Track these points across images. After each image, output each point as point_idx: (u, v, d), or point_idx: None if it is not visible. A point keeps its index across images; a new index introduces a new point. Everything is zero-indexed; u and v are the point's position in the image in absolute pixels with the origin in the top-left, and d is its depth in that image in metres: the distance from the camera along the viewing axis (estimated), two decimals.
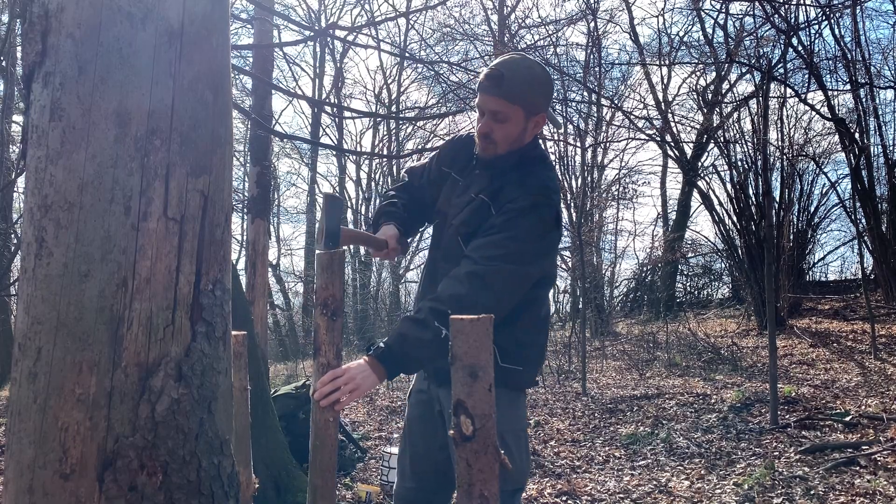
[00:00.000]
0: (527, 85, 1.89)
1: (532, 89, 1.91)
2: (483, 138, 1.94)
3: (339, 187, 19.37)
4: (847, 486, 4.20)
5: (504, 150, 1.95)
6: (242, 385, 1.96)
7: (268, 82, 6.54)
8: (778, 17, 10.52)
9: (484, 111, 1.92)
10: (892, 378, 7.34)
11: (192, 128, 1.12)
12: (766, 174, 8.54)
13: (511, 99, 1.88)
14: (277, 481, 4.00)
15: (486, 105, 1.91)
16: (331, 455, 1.71)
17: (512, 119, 1.90)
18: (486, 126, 1.92)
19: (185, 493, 1.07)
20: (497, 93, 1.88)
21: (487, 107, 1.91)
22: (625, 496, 4.37)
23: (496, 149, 1.95)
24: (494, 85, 1.88)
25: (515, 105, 1.89)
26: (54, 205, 1.06)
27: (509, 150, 1.95)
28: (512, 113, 1.90)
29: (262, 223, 6.44)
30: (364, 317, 15.15)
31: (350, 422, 6.45)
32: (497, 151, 1.95)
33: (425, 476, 2.12)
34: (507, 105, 1.88)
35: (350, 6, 18.93)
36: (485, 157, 1.98)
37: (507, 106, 1.88)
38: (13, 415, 1.08)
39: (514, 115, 1.90)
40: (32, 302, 1.06)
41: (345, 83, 19.41)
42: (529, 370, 2.03)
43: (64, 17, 1.08)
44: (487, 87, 1.89)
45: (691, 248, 17.25)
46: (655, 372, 9.07)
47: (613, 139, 16.33)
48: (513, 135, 1.93)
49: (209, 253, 1.14)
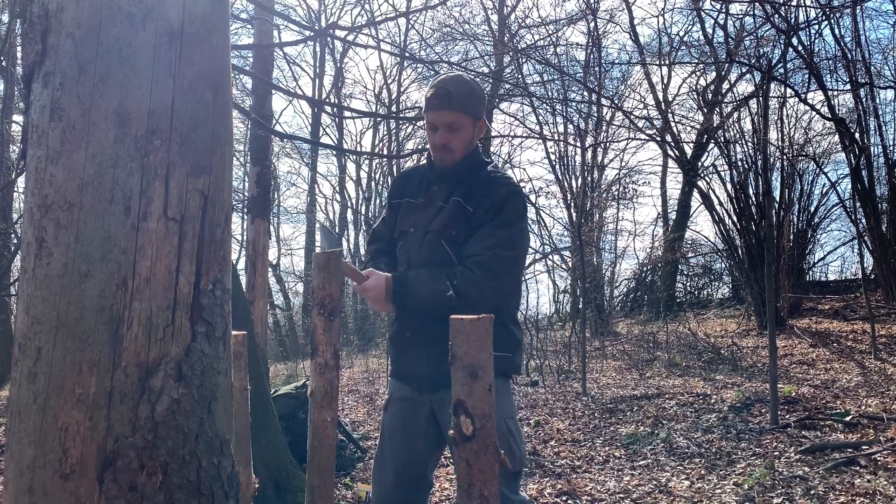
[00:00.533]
0: (469, 96, 2.18)
1: (474, 99, 2.19)
2: (441, 149, 2.19)
3: (339, 187, 19.38)
4: (847, 486, 4.20)
5: (460, 156, 2.20)
6: (242, 385, 1.96)
7: (268, 82, 6.54)
8: (778, 17, 10.52)
9: (437, 126, 2.18)
10: (892, 378, 7.34)
11: (192, 128, 1.12)
12: (766, 174, 8.54)
13: (460, 109, 2.16)
14: (277, 481, 4.00)
15: (439, 119, 2.17)
16: (329, 455, 1.71)
17: (464, 127, 2.18)
18: (442, 138, 2.17)
19: (185, 493, 1.07)
20: (448, 107, 2.15)
21: (441, 121, 2.16)
22: (625, 496, 4.37)
23: (453, 156, 2.20)
24: (444, 100, 2.15)
25: (464, 114, 2.17)
26: (54, 205, 1.06)
27: (463, 155, 2.21)
28: (463, 122, 2.17)
29: (262, 223, 6.44)
30: (364, 317, 15.15)
31: (350, 422, 6.45)
32: (454, 158, 2.20)
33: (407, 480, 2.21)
34: (458, 115, 2.16)
35: (350, 6, 18.94)
36: (442, 167, 2.22)
37: (458, 116, 2.16)
38: (13, 415, 1.08)
39: (465, 123, 2.18)
40: (32, 302, 1.06)
41: (345, 83, 19.42)
42: (517, 357, 2.24)
43: (64, 17, 1.08)
44: (437, 104, 2.16)
45: (691, 248, 17.25)
46: (655, 372, 9.07)
47: (613, 139, 16.35)
48: (466, 141, 2.20)
49: (209, 253, 1.14)
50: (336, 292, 1.73)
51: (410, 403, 2.19)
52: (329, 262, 1.73)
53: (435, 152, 2.20)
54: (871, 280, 12.17)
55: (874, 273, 12.22)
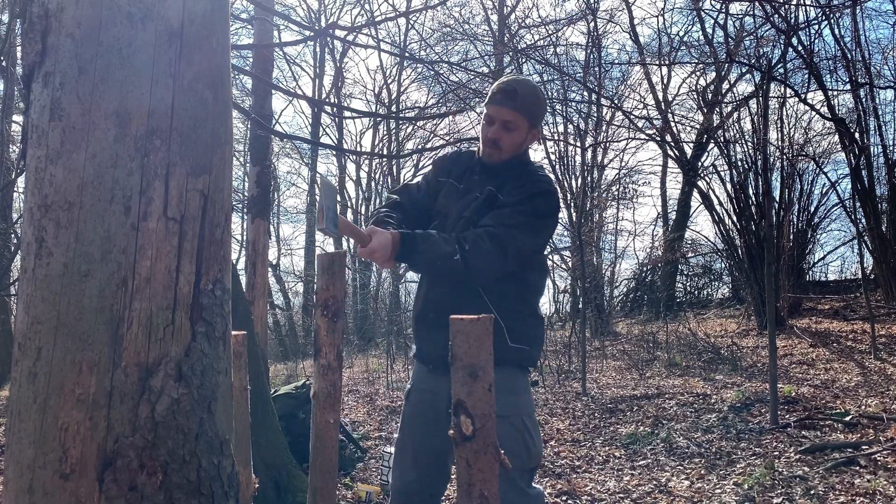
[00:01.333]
0: (533, 100, 2.19)
1: (537, 105, 2.22)
2: (491, 144, 2.19)
3: (339, 187, 19.36)
4: (847, 485, 4.20)
5: (507, 156, 2.21)
6: (242, 385, 1.96)
7: (268, 82, 6.54)
8: (778, 17, 10.51)
9: (495, 120, 2.18)
10: (892, 378, 7.34)
11: (192, 128, 1.12)
12: (766, 174, 8.54)
13: (521, 111, 2.16)
14: (277, 481, 4.00)
15: (498, 115, 2.17)
16: (331, 457, 1.71)
17: (519, 129, 2.18)
18: (495, 133, 2.18)
19: (185, 493, 1.07)
20: (510, 105, 2.15)
21: (500, 116, 2.17)
22: (625, 496, 4.37)
23: (501, 155, 2.20)
24: (509, 98, 2.15)
25: (523, 116, 2.17)
26: (54, 205, 1.06)
27: (511, 156, 2.21)
28: (520, 123, 2.18)
29: (262, 223, 6.44)
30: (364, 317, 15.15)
31: (350, 422, 6.45)
32: (501, 157, 2.20)
33: (427, 468, 2.25)
34: (517, 116, 2.16)
35: (350, 6, 18.93)
36: (488, 163, 2.23)
37: (517, 117, 2.16)
38: (13, 415, 1.08)
39: (521, 125, 2.18)
40: (32, 302, 1.06)
41: (345, 83, 19.42)
42: (535, 350, 2.25)
43: (64, 16, 1.08)
44: (501, 99, 2.16)
45: (691, 248, 17.24)
46: (655, 372, 9.07)
47: (613, 139, 16.33)
48: (517, 143, 2.20)
49: (209, 253, 1.14)
50: (340, 294, 1.73)
51: (431, 395, 2.22)
52: (333, 264, 1.73)
53: (484, 146, 2.21)
54: (871, 280, 12.17)
55: (874, 273, 12.22)
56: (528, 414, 2.18)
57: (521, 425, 2.13)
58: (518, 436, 2.12)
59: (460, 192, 2.26)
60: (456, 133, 16.67)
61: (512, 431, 2.09)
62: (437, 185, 2.37)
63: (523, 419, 2.14)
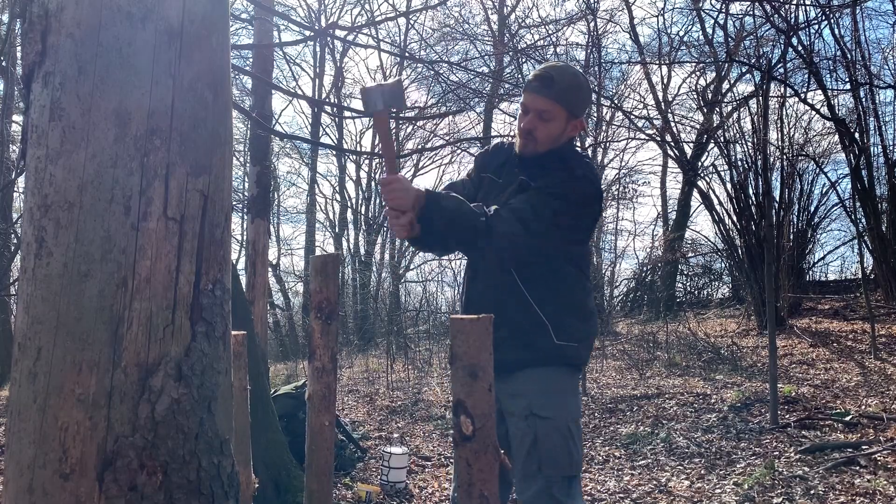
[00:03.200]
0: (573, 89, 2.03)
1: (577, 94, 2.05)
2: (525, 135, 2.05)
3: (339, 187, 19.38)
4: (847, 485, 4.20)
5: (544, 148, 2.06)
6: (242, 385, 1.96)
7: (268, 82, 6.54)
8: (778, 17, 10.51)
9: (529, 110, 2.04)
10: (892, 378, 7.34)
11: (192, 127, 1.12)
12: (766, 174, 8.54)
13: (558, 100, 2.00)
14: (277, 481, 4.00)
15: (533, 104, 2.03)
16: (327, 459, 1.71)
17: (555, 119, 2.03)
18: (530, 123, 2.03)
19: (185, 493, 1.07)
20: (546, 93, 2.00)
21: (534, 106, 2.02)
22: (625, 496, 4.36)
23: (536, 146, 2.06)
24: (544, 86, 2.00)
25: (561, 106, 2.01)
26: (54, 205, 1.06)
27: (548, 149, 2.06)
28: (557, 113, 2.02)
29: (262, 223, 6.44)
30: (364, 317, 15.15)
31: (350, 421, 6.45)
32: (536, 149, 2.06)
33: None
34: (553, 105, 2.01)
35: (350, 6, 18.92)
36: (524, 155, 2.09)
37: (553, 106, 2.01)
38: (13, 414, 1.08)
39: (558, 115, 2.03)
40: (32, 302, 1.06)
41: (345, 83, 19.41)
42: (584, 348, 2.11)
43: (64, 16, 1.08)
44: (537, 87, 2.01)
45: (691, 248, 17.24)
46: (655, 372, 9.06)
47: (613, 139, 16.33)
48: (553, 134, 2.05)
49: (209, 253, 1.14)
50: (333, 296, 1.73)
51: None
52: (326, 265, 1.73)
53: (519, 137, 2.09)
54: (871, 280, 12.16)
55: (874, 273, 12.21)
56: (574, 419, 2.04)
57: (565, 430, 2.00)
58: (561, 441, 1.99)
59: (500, 186, 2.15)
60: (456, 133, 16.68)
61: (555, 435, 1.98)
62: (479, 180, 2.26)
63: (569, 423, 2.01)
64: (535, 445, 1.99)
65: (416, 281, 17.74)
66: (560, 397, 2.02)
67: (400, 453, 4.74)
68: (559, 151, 2.08)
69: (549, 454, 1.98)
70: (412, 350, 12.10)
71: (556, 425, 1.98)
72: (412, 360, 10.99)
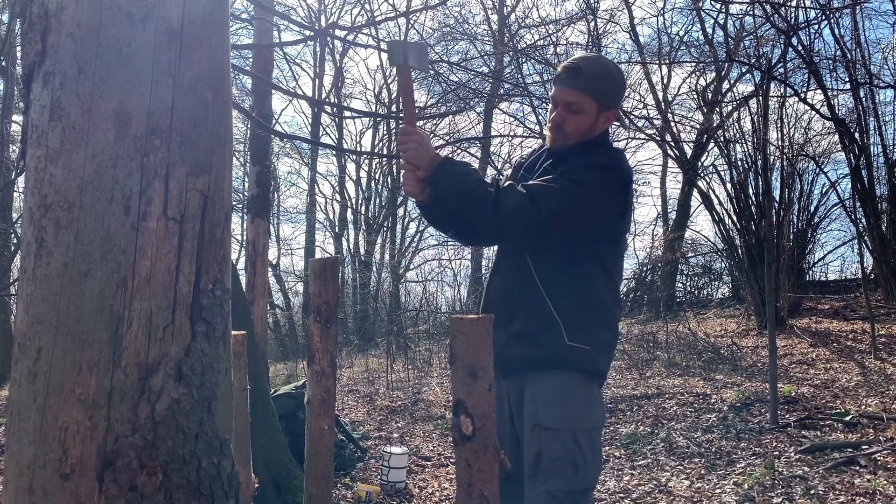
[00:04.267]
0: (602, 79, 1.97)
1: (607, 84, 1.99)
2: (555, 128, 2.00)
3: (339, 187, 19.37)
4: (847, 485, 4.20)
5: (574, 141, 2.00)
6: (242, 385, 1.96)
7: (268, 82, 6.54)
8: (778, 17, 10.51)
9: (558, 102, 1.99)
10: (892, 378, 7.34)
11: (192, 127, 1.12)
12: (766, 174, 8.54)
13: (586, 91, 1.95)
14: (277, 481, 4.00)
15: (561, 96, 1.98)
16: (327, 463, 1.71)
17: (585, 111, 1.97)
18: (559, 116, 1.98)
19: (185, 493, 1.07)
20: (574, 85, 1.95)
21: (562, 98, 1.97)
22: (625, 496, 4.36)
23: (566, 139, 2.00)
24: (572, 77, 1.95)
25: (590, 97, 1.96)
26: (54, 205, 1.06)
27: (578, 142, 2.00)
28: (586, 105, 1.96)
29: (262, 223, 6.44)
30: (364, 317, 15.14)
31: (350, 421, 6.45)
32: (567, 142, 2.00)
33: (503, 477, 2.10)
34: (581, 97, 1.95)
35: (350, 6, 18.90)
36: (554, 149, 2.04)
37: (581, 97, 1.95)
38: (13, 414, 1.08)
39: (588, 107, 1.97)
40: (32, 302, 1.06)
41: (345, 83, 19.40)
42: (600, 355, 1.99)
43: (64, 16, 1.08)
44: (565, 79, 1.97)
45: (691, 248, 17.23)
46: (655, 371, 9.06)
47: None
48: (584, 126, 1.99)
49: (209, 253, 1.14)
50: (332, 299, 1.72)
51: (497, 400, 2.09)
52: (325, 269, 1.72)
53: (549, 130, 2.03)
54: (871, 280, 12.15)
55: (874, 273, 12.21)
56: (584, 429, 1.92)
57: (570, 441, 1.89)
58: (565, 452, 1.89)
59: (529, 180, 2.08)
60: (456, 133, 16.67)
61: (557, 446, 1.89)
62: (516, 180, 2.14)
63: (575, 434, 1.90)
64: (539, 457, 1.92)
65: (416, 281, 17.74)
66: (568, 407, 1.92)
67: (400, 453, 4.74)
68: (589, 143, 2.00)
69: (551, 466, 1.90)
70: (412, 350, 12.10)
71: (561, 436, 1.90)
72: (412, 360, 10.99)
